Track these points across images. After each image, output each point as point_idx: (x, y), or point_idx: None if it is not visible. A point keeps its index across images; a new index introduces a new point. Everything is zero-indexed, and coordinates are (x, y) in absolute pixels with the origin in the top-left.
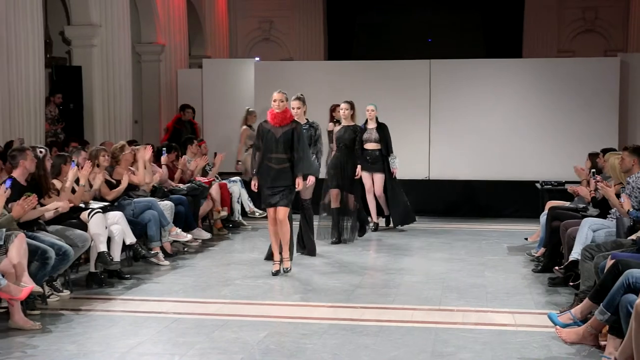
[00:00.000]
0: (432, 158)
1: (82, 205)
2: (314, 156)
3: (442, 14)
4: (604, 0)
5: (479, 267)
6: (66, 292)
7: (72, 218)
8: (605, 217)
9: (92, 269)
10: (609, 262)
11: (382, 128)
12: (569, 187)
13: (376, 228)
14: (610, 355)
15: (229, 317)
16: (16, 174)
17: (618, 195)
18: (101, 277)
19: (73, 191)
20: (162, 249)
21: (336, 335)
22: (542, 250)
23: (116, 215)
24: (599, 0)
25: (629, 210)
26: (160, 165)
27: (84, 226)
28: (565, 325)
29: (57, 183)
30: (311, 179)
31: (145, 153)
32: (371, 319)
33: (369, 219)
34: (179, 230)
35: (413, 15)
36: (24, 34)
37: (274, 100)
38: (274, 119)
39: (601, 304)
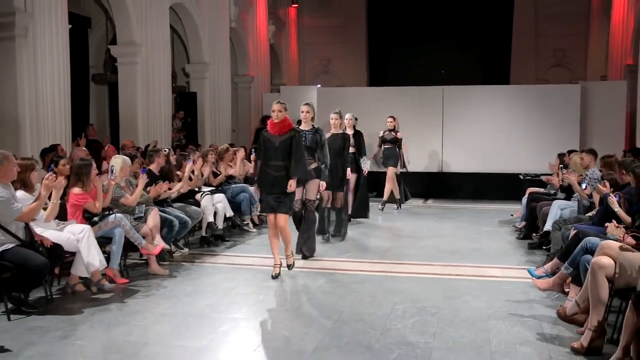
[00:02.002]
0: (444, 156)
1: (196, 189)
2: (321, 161)
3: (451, 53)
4: (569, 44)
5: (476, 235)
6: (186, 250)
7: (189, 198)
8: (569, 200)
9: (203, 234)
10: (572, 232)
11: (358, 135)
12: (544, 178)
13: (349, 219)
14: (572, 298)
15: (298, 269)
16: (152, 166)
17: (579, 184)
18: (210, 239)
19: (190, 179)
20: (252, 220)
21: (373, 282)
22: (524, 223)
23: (219, 196)
24: (566, 44)
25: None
26: (250, 162)
27: (197, 204)
28: (539, 277)
29: (179, 173)
30: (322, 184)
31: (239, 153)
32: (399, 271)
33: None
34: None
35: (430, 53)
36: (158, 70)
37: (273, 111)
38: (273, 128)
39: (566, 262)
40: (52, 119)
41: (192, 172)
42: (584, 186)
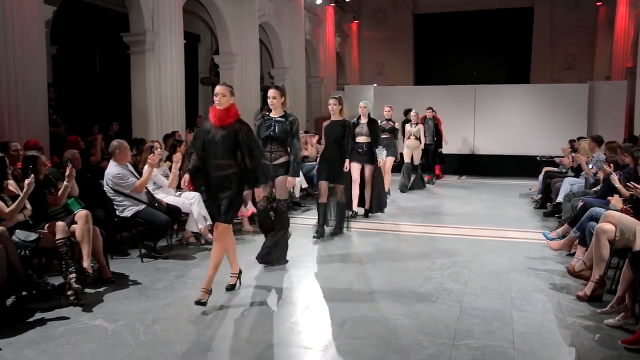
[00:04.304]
0: (475, 141)
1: None
2: (293, 154)
3: (481, 58)
4: (578, 50)
5: (501, 204)
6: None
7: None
8: (578, 177)
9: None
10: (580, 203)
11: (372, 123)
12: (557, 159)
13: (354, 216)
14: (579, 257)
15: (356, 228)
16: None
17: (587, 164)
18: (289, 205)
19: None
20: None
21: (417, 242)
22: (540, 196)
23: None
24: (576, 50)
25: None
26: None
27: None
28: (552, 239)
29: None
30: (291, 180)
31: (313, 139)
32: (437, 232)
33: (349, 212)
34: None
35: (465, 58)
36: (250, 74)
37: (215, 95)
38: (214, 116)
39: (574, 227)
40: (171, 111)
41: None
42: (590, 166)
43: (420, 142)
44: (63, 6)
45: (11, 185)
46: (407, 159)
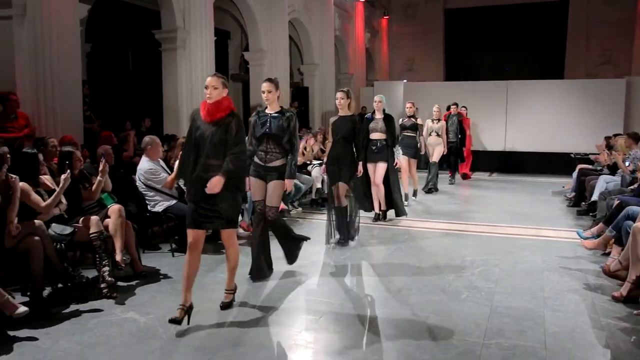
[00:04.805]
0: (507, 138)
1: (307, 162)
2: (289, 154)
3: (514, 52)
4: (616, 45)
5: (533, 202)
6: (299, 209)
7: (302, 168)
8: (614, 175)
9: (313, 197)
10: (616, 202)
11: (388, 119)
12: (592, 157)
13: (378, 218)
14: (614, 256)
15: (383, 225)
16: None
17: (623, 162)
18: (318, 201)
19: (302, 154)
20: None
21: (446, 239)
22: (574, 194)
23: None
24: (613, 45)
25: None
26: None
27: (308, 173)
28: (586, 238)
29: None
30: (288, 184)
31: (312, 140)
32: (467, 230)
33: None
34: None
35: (497, 53)
36: (279, 70)
37: (206, 87)
38: (204, 111)
39: (610, 226)
40: None
41: (305, 148)
42: (627, 164)
43: (442, 140)
44: (97, 5)
45: (47, 180)
46: (430, 158)
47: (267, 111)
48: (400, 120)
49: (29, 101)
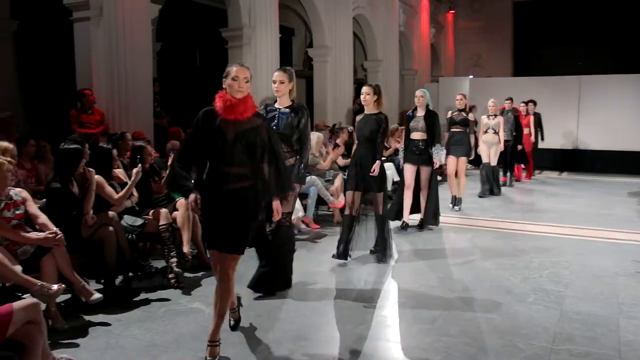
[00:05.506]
0: (579, 135)
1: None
2: (299, 155)
3: (587, 46)
4: None
5: (608, 203)
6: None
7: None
8: None
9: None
10: None
11: (430, 116)
12: None
13: (405, 227)
14: None
15: (447, 224)
16: (338, 140)
17: None
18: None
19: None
20: None
21: (513, 239)
22: None
23: (389, 165)
24: None
25: None
26: None
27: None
28: None
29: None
30: (295, 188)
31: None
32: (536, 230)
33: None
34: None
35: (568, 47)
36: (343, 66)
37: (234, 78)
38: (226, 108)
39: None
40: None
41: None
42: None
43: (500, 138)
44: (167, 4)
45: (120, 173)
46: (484, 158)
47: (276, 105)
48: (449, 113)
49: (104, 98)
